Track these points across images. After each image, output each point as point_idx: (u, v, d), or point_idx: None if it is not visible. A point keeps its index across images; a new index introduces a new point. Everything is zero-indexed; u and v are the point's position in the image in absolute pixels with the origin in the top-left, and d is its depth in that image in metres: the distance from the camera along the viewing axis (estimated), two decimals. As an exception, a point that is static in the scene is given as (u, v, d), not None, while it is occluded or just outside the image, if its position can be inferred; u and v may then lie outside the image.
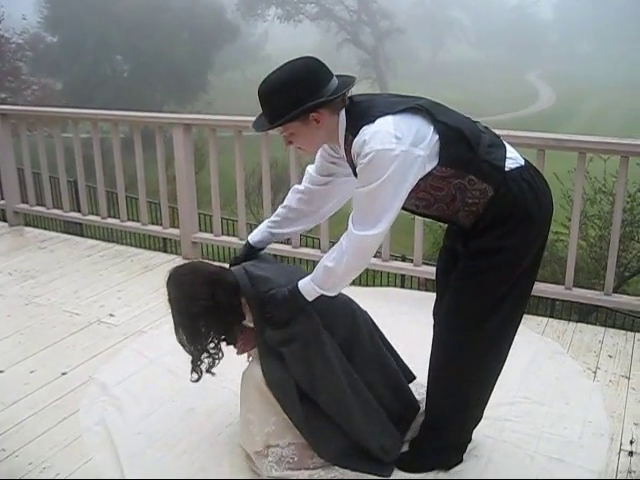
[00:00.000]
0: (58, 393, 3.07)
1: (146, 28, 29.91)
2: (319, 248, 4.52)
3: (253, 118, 3.97)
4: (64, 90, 28.77)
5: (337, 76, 2.18)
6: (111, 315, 3.88)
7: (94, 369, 3.27)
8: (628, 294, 6.30)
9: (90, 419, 2.86)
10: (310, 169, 2.51)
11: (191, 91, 31.56)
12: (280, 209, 2.58)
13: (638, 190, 9.70)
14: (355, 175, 2.19)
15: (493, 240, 2.19)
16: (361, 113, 2.12)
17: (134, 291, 4.23)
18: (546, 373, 3.17)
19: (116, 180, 5.08)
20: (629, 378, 3.15)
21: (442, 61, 53.71)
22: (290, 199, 2.55)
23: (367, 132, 2.05)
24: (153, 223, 5.37)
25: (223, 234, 4.95)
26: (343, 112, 2.16)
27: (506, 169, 2.16)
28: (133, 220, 5.48)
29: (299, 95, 2.07)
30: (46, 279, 4.44)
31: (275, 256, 3.63)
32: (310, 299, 2.26)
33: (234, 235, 5.00)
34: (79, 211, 5.49)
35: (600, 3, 55.52)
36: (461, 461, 2.52)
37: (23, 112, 6.08)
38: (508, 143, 2.24)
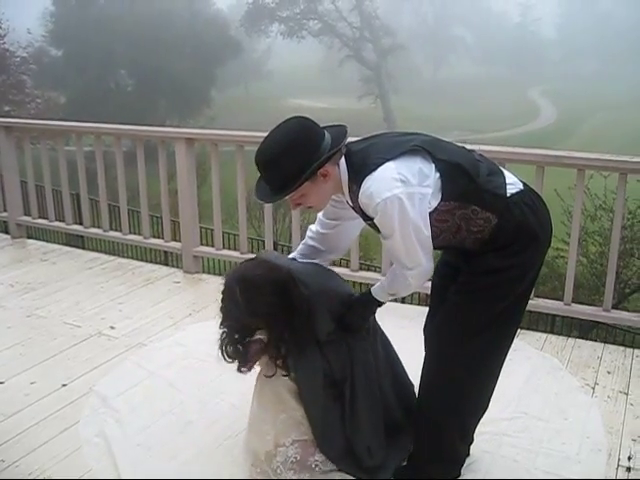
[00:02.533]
0: (58, 404, 3.08)
1: (150, 44, 30.14)
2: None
3: (255, 133, 4.02)
4: (68, 103, 28.96)
5: (326, 127, 2.22)
6: (112, 327, 3.90)
7: (94, 381, 3.28)
8: (628, 310, 6.30)
9: (90, 430, 2.87)
10: (320, 214, 2.55)
11: (194, 106, 31.76)
12: (300, 246, 2.65)
13: (638, 207, 9.72)
14: (364, 219, 2.24)
15: (498, 259, 2.21)
16: (361, 162, 2.15)
17: (135, 304, 4.25)
18: (545, 389, 3.17)
19: (118, 193, 5.12)
20: (627, 394, 3.16)
21: (444, 78, 53.99)
22: (305, 239, 2.63)
23: (370, 183, 2.08)
24: (155, 236, 5.40)
25: (224, 248, 4.98)
26: (343, 161, 2.19)
27: (507, 195, 2.20)
28: (135, 233, 5.51)
29: (305, 157, 2.09)
30: (48, 291, 4.46)
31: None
32: (384, 301, 2.41)
33: (235, 249, 5.03)
34: (81, 224, 5.52)
35: (602, 23, 55.97)
36: (459, 475, 2.53)
37: (27, 125, 6.13)
38: (508, 160, 2.27)
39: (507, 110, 42.90)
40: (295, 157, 2.08)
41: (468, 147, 2.38)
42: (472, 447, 2.58)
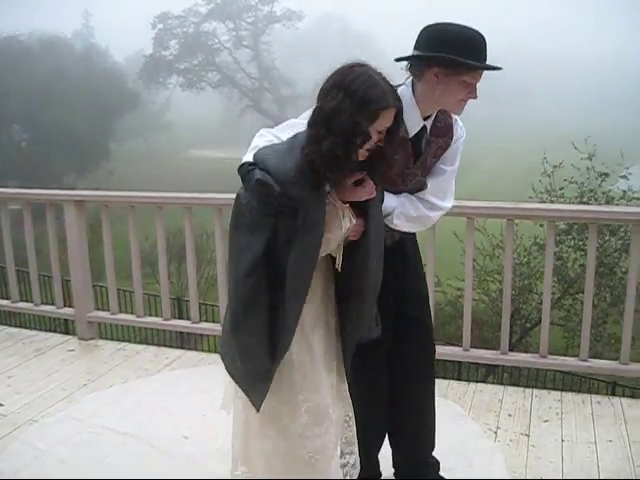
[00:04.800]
0: (-62, 496, 2.84)
1: (45, 97, 29.42)
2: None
3: (147, 193, 4.00)
4: (-43, 161, 27.79)
5: None
6: (0, 404, 3.65)
7: (-20, 466, 3.05)
8: (527, 350, 6.49)
9: (-27, 523, 2.66)
10: None
11: (92, 160, 31.11)
12: None
13: (533, 244, 10.12)
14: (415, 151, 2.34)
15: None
16: None
17: (25, 377, 4.00)
18: (449, 436, 3.16)
19: (5, 258, 4.86)
20: (529, 435, 3.21)
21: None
22: None
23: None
24: (45, 303, 5.13)
25: (121, 311, 4.79)
26: None
27: None
28: (25, 300, 5.22)
29: None
30: None
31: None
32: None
33: (132, 313, 4.82)
34: (-33, 293, 5.21)
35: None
36: None
37: None
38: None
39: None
40: None
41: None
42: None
